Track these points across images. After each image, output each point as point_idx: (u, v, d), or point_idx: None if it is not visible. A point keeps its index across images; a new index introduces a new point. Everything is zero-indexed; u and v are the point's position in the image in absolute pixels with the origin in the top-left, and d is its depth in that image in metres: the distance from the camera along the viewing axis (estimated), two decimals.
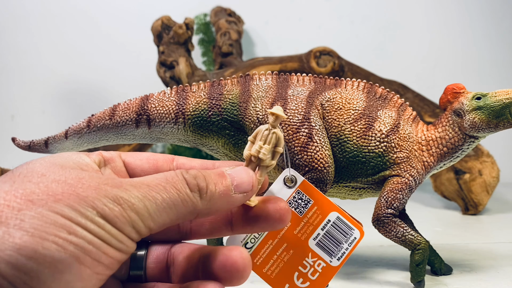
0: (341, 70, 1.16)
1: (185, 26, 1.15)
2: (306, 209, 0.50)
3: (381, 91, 0.64)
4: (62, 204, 0.31)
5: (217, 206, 0.39)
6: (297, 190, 0.50)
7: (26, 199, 0.30)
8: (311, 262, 0.48)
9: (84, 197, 0.32)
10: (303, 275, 0.48)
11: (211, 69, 1.46)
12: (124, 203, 0.33)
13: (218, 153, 0.66)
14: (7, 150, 1.20)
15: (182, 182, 0.37)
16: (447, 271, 0.63)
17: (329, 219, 0.49)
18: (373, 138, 0.61)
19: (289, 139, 0.59)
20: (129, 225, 0.34)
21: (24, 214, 0.30)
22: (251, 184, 0.41)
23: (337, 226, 0.48)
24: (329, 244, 0.48)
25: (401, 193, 0.60)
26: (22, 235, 0.29)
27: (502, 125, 0.60)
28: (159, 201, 0.35)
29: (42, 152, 0.68)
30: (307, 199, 0.50)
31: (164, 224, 0.36)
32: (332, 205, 0.49)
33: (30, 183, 0.32)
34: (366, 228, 0.73)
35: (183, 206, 0.36)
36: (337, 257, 0.48)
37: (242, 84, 0.64)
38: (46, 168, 0.34)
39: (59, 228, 0.30)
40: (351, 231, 0.48)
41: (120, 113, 0.65)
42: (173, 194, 0.36)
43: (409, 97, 1.18)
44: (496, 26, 1.69)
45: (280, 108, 0.43)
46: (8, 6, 1.58)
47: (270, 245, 0.50)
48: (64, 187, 0.32)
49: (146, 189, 0.35)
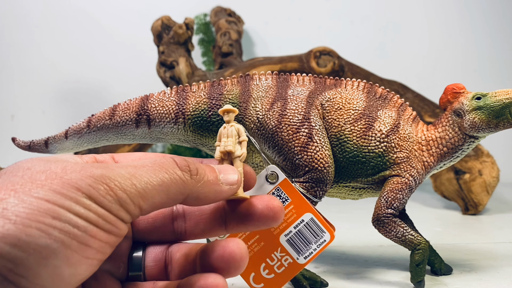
0: (341, 70, 1.16)
1: (185, 26, 1.15)
2: None
3: (381, 91, 0.64)
4: (45, 189, 0.31)
5: (206, 192, 0.39)
6: (277, 187, 0.51)
7: (9, 189, 0.30)
8: (279, 256, 0.50)
9: (68, 179, 0.32)
10: (270, 267, 0.50)
11: (211, 69, 1.46)
12: (110, 181, 0.33)
13: None
14: (7, 150, 1.20)
15: (171, 163, 0.37)
16: (447, 271, 0.63)
17: (303, 219, 0.50)
18: (373, 138, 0.61)
19: (289, 139, 0.59)
20: (117, 204, 0.33)
21: (7, 203, 0.29)
22: (236, 177, 0.41)
23: (310, 227, 0.50)
24: (299, 243, 0.50)
25: (401, 193, 0.60)
26: (4, 223, 0.28)
27: (502, 125, 0.60)
28: (147, 179, 0.35)
29: (42, 152, 0.68)
30: (285, 197, 0.51)
31: (155, 204, 0.35)
32: (308, 206, 0.50)
33: (15, 177, 0.32)
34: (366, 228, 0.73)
35: (173, 185, 0.36)
36: (304, 256, 0.50)
37: (242, 84, 0.64)
38: (31, 163, 0.34)
39: (42, 214, 0.30)
40: (322, 233, 0.50)
41: (120, 113, 0.65)
42: (162, 173, 0.36)
43: (409, 97, 1.18)
44: (496, 26, 1.69)
45: (228, 105, 0.46)
46: (8, 5, 1.58)
47: (243, 234, 0.52)
48: (48, 175, 0.32)
49: (133, 169, 0.35)
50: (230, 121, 0.46)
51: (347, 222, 0.98)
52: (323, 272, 0.64)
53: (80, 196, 0.31)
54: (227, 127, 0.45)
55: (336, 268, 0.66)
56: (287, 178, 0.52)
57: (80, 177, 0.32)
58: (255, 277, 0.50)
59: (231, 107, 0.45)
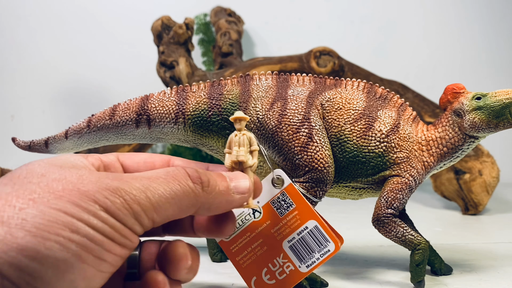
0: (341, 70, 1.16)
1: (185, 26, 1.15)
2: (287, 212, 0.50)
3: (381, 91, 0.64)
4: (64, 201, 0.31)
5: (217, 202, 0.40)
6: (283, 192, 0.51)
7: (27, 198, 0.30)
8: (281, 263, 0.49)
9: (85, 191, 0.32)
10: (271, 272, 0.49)
11: (211, 69, 1.46)
12: (126, 194, 0.33)
13: (218, 153, 0.66)
14: (7, 150, 1.20)
15: (183, 175, 0.38)
16: (447, 271, 0.63)
17: (307, 226, 0.49)
18: (373, 138, 0.61)
19: (289, 139, 0.59)
20: (132, 217, 0.33)
21: (26, 213, 0.29)
22: (247, 186, 0.42)
23: (313, 235, 0.49)
24: (302, 250, 0.49)
25: (401, 193, 0.60)
26: (24, 235, 0.29)
27: (502, 125, 0.60)
28: (160, 191, 0.35)
29: (42, 152, 0.68)
30: (290, 202, 0.51)
31: (167, 217, 0.36)
32: (313, 213, 0.50)
33: (30, 183, 0.32)
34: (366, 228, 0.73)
35: (185, 197, 0.37)
36: (306, 264, 0.49)
37: (242, 84, 0.64)
38: (45, 169, 0.34)
39: (61, 226, 0.30)
40: (326, 242, 0.49)
41: (120, 113, 0.65)
42: (175, 185, 0.36)
43: (409, 97, 1.18)
44: (496, 26, 1.69)
45: (240, 112, 0.45)
46: (8, 5, 1.58)
47: (248, 237, 0.52)
48: (64, 184, 0.32)
49: (147, 181, 0.35)
50: (242, 129, 0.45)
51: (347, 222, 0.98)
52: (323, 272, 0.64)
53: (97, 209, 0.32)
54: (238, 134, 0.44)
55: (336, 268, 0.66)
56: (293, 183, 0.52)
57: (97, 189, 0.32)
58: (256, 281, 0.50)
59: (243, 114, 0.45)
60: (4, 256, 0.28)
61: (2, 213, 0.29)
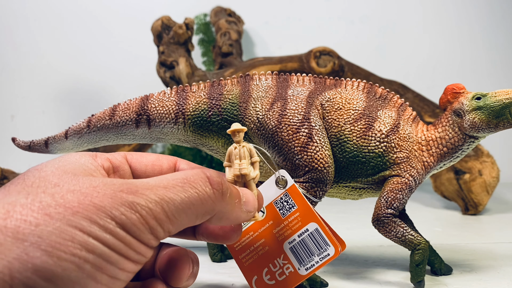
0: (341, 70, 1.16)
1: (185, 26, 1.15)
2: (289, 213, 0.50)
3: (381, 91, 0.64)
4: (79, 217, 0.30)
5: (229, 214, 0.39)
6: (285, 193, 0.51)
7: (43, 213, 0.30)
8: (281, 264, 0.49)
9: (101, 207, 0.31)
10: (272, 273, 0.49)
11: (211, 69, 1.46)
12: (142, 209, 0.33)
13: (218, 153, 0.66)
14: (7, 150, 1.20)
15: (203, 180, 0.37)
16: (447, 271, 0.63)
17: (308, 228, 0.49)
18: (373, 138, 0.61)
19: (289, 139, 0.59)
20: (149, 232, 0.33)
21: (42, 230, 0.29)
22: (254, 204, 0.42)
23: (314, 238, 0.49)
24: (302, 253, 0.49)
25: (401, 193, 0.60)
26: (41, 255, 0.28)
27: (502, 125, 0.60)
28: (177, 202, 0.34)
29: (42, 152, 0.68)
30: (292, 204, 0.51)
31: (183, 226, 0.36)
32: (314, 216, 0.49)
33: (44, 194, 0.31)
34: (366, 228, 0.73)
35: (202, 204, 0.36)
36: (305, 267, 0.48)
37: (242, 84, 0.64)
38: (58, 177, 0.33)
39: (77, 246, 0.29)
40: (326, 246, 0.48)
41: (120, 113, 0.65)
42: (192, 193, 0.35)
43: (409, 97, 1.18)
44: (496, 26, 1.69)
45: (237, 124, 0.45)
46: (8, 5, 1.58)
47: (251, 236, 0.52)
48: (79, 197, 0.31)
49: (163, 190, 0.34)
50: (240, 141, 0.44)
51: (347, 222, 0.98)
52: (323, 272, 0.64)
53: (114, 226, 0.31)
54: (238, 147, 0.44)
55: (336, 268, 0.66)
56: (296, 185, 0.51)
57: (113, 204, 0.32)
58: (257, 280, 0.50)
59: (240, 126, 0.44)
60: (19, 276, 0.27)
61: (17, 229, 0.29)
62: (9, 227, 0.28)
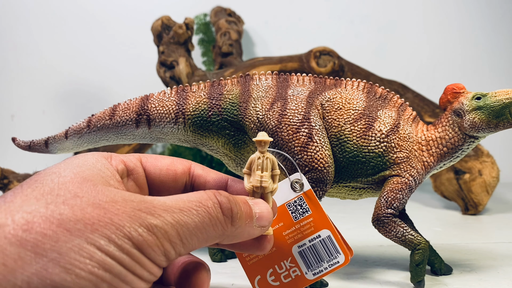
0: (341, 70, 1.16)
1: (185, 26, 1.15)
2: (302, 217, 0.50)
3: (381, 91, 0.64)
4: (98, 235, 0.30)
5: (240, 235, 0.40)
6: (300, 197, 0.50)
7: (63, 228, 0.30)
8: (288, 266, 0.49)
9: (120, 226, 0.32)
10: (277, 274, 0.49)
11: (211, 69, 1.46)
12: (158, 231, 0.33)
13: (218, 153, 0.66)
14: (7, 150, 1.20)
15: (215, 206, 0.37)
16: (447, 271, 0.63)
17: (320, 234, 0.49)
18: (373, 138, 0.61)
19: (289, 139, 0.59)
20: (162, 254, 0.34)
21: (61, 247, 0.29)
22: (270, 219, 0.42)
23: (325, 244, 0.49)
24: (311, 258, 0.49)
25: (401, 193, 0.60)
26: (59, 272, 0.28)
27: (502, 125, 0.60)
28: (191, 227, 0.35)
29: (42, 152, 0.68)
30: (306, 208, 0.50)
31: (193, 249, 0.36)
32: (328, 223, 0.49)
33: (64, 205, 0.31)
34: (366, 228, 0.73)
35: (213, 231, 0.37)
36: (313, 272, 0.48)
37: (242, 84, 0.64)
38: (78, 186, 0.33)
39: (96, 264, 0.30)
40: (337, 254, 0.48)
41: (120, 113, 0.65)
42: (205, 218, 0.36)
43: (409, 97, 1.18)
44: (496, 26, 1.69)
45: (264, 133, 0.44)
46: (8, 5, 1.58)
47: None
48: (99, 213, 0.32)
49: (179, 214, 0.35)
50: (265, 151, 0.44)
51: (347, 222, 0.98)
52: None
53: (130, 246, 0.32)
54: (261, 158, 0.43)
55: None
56: (312, 189, 0.51)
57: (131, 224, 0.32)
58: (260, 280, 0.49)
59: (267, 137, 0.43)
60: None
61: (37, 243, 0.29)
62: (29, 240, 0.28)
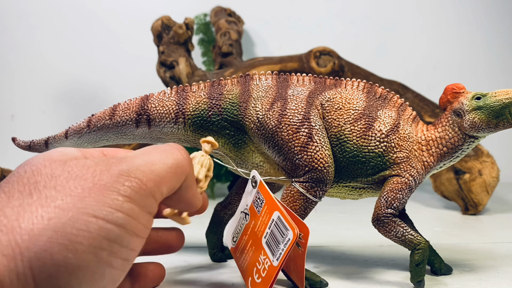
0: (341, 70, 1.16)
1: (185, 26, 1.15)
2: (261, 208, 0.50)
3: (381, 91, 0.64)
4: (89, 202, 0.30)
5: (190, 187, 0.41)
6: (257, 190, 0.51)
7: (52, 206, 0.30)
8: (262, 260, 0.48)
9: (104, 185, 0.32)
10: (258, 271, 0.48)
11: (211, 69, 1.46)
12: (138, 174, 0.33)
13: (218, 153, 0.66)
14: (7, 150, 1.20)
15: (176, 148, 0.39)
16: (447, 271, 0.63)
17: (273, 218, 0.48)
18: (373, 138, 0.61)
19: (289, 139, 0.59)
20: (150, 196, 0.34)
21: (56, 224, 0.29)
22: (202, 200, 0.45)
23: (278, 226, 0.47)
24: (272, 244, 0.47)
25: (401, 193, 0.60)
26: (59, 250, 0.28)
27: (502, 125, 0.60)
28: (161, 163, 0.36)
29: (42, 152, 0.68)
30: (262, 198, 0.50)
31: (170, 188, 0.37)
32: (275, 204, 0.48)
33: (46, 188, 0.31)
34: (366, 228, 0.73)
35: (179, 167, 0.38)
36: (276, 257, 0.46)
37: (242, 84, 0.64)
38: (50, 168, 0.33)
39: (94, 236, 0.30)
40: (286, 231, 0.46)
41: (120, 113, 0.65)
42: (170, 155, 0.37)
43: (409, 97, 1.18)
44: (495, 26, 1.69)
45: (211, 138, 0.49)
46: (8, 5, 1.58)
47: (243, 240, 0.52)
48: (80, 182, 0.32)
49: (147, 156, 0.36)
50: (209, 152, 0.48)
51: (347, 222, 0.98)
52: (323, 272, 0.64)
53: (121, 201, 0.32)
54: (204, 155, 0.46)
55: (336, 268, 0.66)
56: (262, 181, 0.52)
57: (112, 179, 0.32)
58: (252, 281, 0.49)
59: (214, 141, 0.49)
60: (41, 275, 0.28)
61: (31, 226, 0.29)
62: (23, 227, 0.28)
